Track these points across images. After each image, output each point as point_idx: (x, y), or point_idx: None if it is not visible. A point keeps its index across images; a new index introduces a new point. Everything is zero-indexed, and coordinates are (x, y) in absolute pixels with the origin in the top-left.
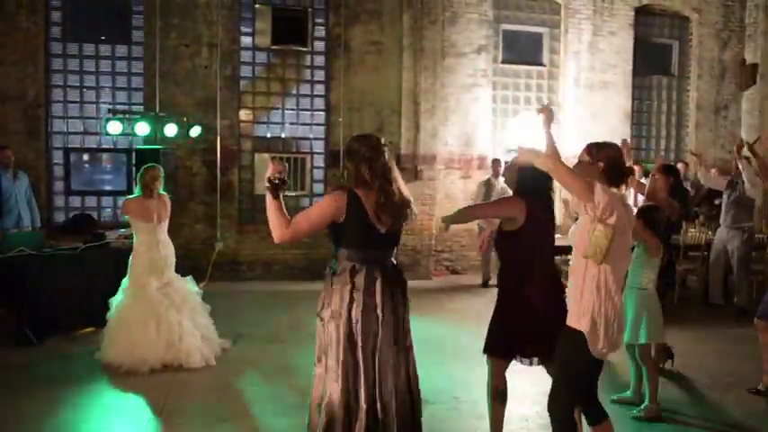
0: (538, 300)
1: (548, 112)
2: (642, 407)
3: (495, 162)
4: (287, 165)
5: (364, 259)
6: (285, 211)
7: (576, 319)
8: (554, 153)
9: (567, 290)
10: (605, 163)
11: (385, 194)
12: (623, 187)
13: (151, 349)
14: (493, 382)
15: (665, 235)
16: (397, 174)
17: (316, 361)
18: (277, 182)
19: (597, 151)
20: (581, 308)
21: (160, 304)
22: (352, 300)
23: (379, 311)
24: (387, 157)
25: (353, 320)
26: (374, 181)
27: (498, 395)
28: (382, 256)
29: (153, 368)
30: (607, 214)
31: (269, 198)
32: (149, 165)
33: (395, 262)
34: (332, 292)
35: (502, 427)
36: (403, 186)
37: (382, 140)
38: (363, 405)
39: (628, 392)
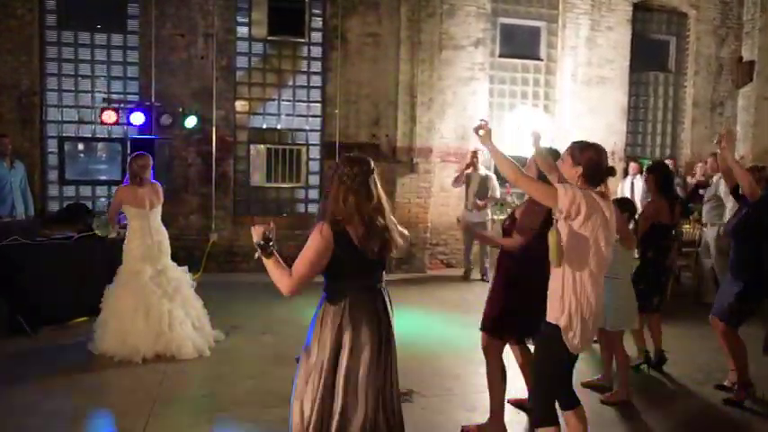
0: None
1: (485, 129)
2: (613, 392)
3: (473, 153)
4: (272, 224)
5: (354, 289)
6: (282, 263)
7: (555, 315)
8: (511, 165)
9: (549, 286)
10: (584, 166)
11: (371, 226)
12: (602, 186)
13: (142, 338)
14: (498, 363)
15: (660, 235)
16: (384, 201)
17: (293, 394)
18: (263, 243)
19: (579, 153)
20: (559, 305)
21: (152, 293)
22: (340, 335)
23: (367, 350)
24: (374, 185)
25: (340, 364)
26: (359, 213)
27: (503, 374)
28: (372, 282)
29: (146, 358)
30: (573, 215)
31: (264, 261)
32: (137, 153)
33: (384, 288)
34: (322, 329)
35: (504, 405)
36: (388, 214)
37: (371, 165)
38: None
39: (597, 377)
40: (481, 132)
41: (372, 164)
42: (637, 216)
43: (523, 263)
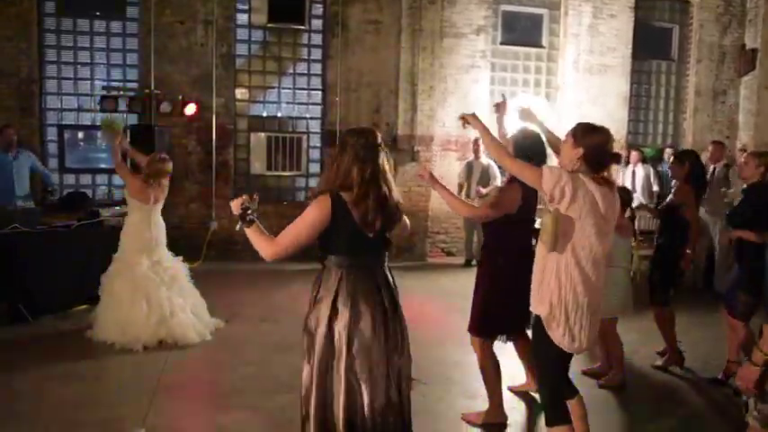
0: (526, 278)
1: (503, 106)
2: (609, 375)
3: (475, 141)
4: (255, 195)
5: (353, 266)
6: (264, 231)
7: (537, 304)
8: (498, 145)
9: (533, 273)
10: (585, 150)
11: (373, 199)
12: (606, 172)
13: (143, 328)
14: (489, 354)
15: (684, 223)
16: (389, 175)
17: (303, 366)
18: (242, 213)
19: (582, 136)
20: (540, 294)
21: (150, 281)
22: (335, 312)
23: (366, 324)
24: (381, 157)
25: (336, 335)
26: (362, 185)
27: (496, 364)
28: (372, 262)
29: (147, 346)
30: (557, 199)
31: (245, 230)
32: (161, 156)
33: (387, 267)
34: (318, 302)
35: (501, 392)
36: (394, 189)
37: (379, 138)
38: (341, 420)
39: (596, 365)
40: (465, 125)
41: (379, 136)
42: (634, 205)
43: (506, 256)
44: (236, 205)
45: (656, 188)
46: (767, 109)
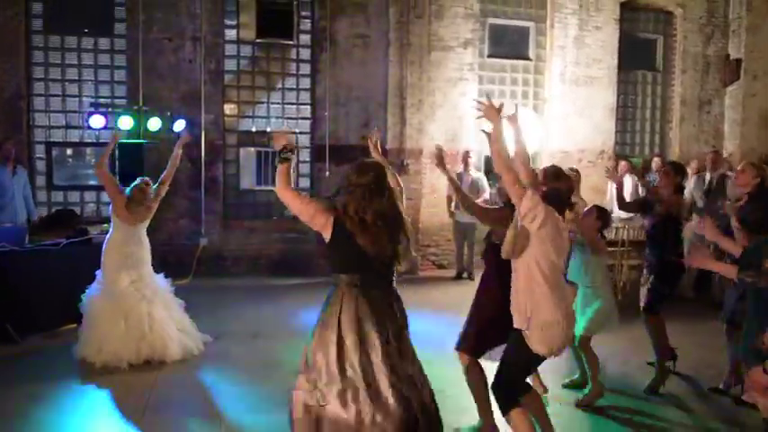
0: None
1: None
2: (586, 391)
3: (465, 154)
4: (290, 141)
5: (358, 283)
6: (290, 174)
7: (515, 317)
8: (504, 151)
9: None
10: (548, 191)
11: (370, 234)
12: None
13: (122, 344)
14: (480, 374)
15: (678, 233)
16: (398, 202)
17: (300, 373)
18: (281, 149)
19: (549, 178)
20: (518, 308)
21: (130, 297)
22: (340, 327)
23: (373, 339)
24: (383, 197)
25: (345, 348)
26: (364, 226)
27: (486, 383)
28: (377, 279)
29: (132, 364)
30: (528, 221)
31: (279, 165)
32: (143, 186)
33: (394, 283)
34: (326, 315)
35: (491, 403)
36: (403, 224)
37: (384, 173)
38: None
39: (576, 376)
40: (480, 114)
41: (383, 172)
42: (615, 225)
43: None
44: (280, 142)
45: None
46: (752, 118)
